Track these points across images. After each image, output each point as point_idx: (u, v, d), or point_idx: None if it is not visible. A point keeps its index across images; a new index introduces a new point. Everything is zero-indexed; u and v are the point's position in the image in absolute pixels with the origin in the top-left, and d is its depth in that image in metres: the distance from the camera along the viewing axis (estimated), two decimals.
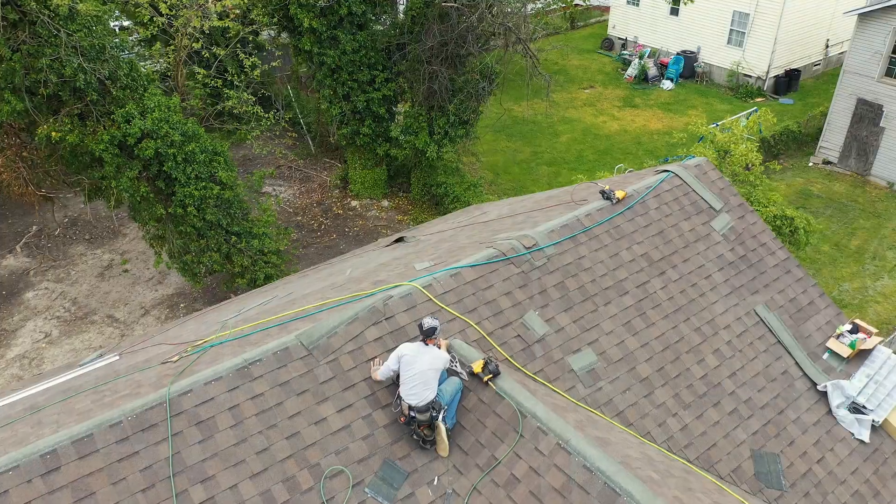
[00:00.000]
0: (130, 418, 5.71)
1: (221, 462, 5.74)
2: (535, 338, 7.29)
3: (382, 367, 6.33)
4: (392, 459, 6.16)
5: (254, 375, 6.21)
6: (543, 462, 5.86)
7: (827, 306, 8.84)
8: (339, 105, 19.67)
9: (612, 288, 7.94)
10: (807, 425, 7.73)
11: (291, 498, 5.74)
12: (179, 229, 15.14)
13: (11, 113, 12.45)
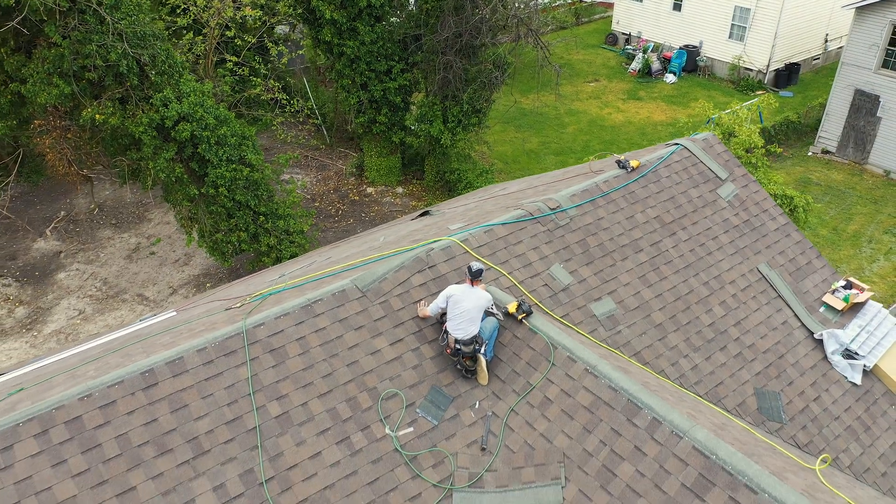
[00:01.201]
0: (214, 345, 6.55)
1: (292, 383, 6.58)
2: (561, 287, 8.12)
3: (432, 304, 7.16)
4: (438, 386, 7.00)
5: (316, 312, 7.05)
6: (573, 385, 6.70)
7: (823, 266, 9.67)
8: (357, 94, 20.50)
9: (628, 245, 8.78)
10: (804, 368, 8.56)
11: (354, 415, 6.58)
12: (211, 209, 15.96)
13: (59, 96, 13.27)
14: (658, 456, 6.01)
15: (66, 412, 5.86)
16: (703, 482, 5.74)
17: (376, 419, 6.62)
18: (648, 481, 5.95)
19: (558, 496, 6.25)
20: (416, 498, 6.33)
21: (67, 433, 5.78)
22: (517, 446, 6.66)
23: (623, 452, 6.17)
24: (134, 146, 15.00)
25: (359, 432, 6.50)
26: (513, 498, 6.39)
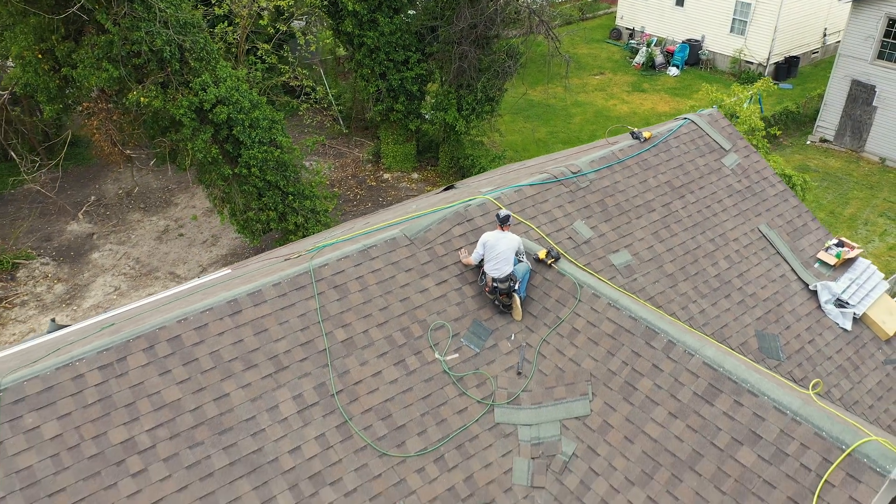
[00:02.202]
0: (287, 280, 7.55)
1: (354, 314, 7.57)
2: (583, 240, 9.12)
3: (473, 253, 8.15)
4: (479, 320, 7.99)
5: (372, 256, 8.04)
6: (598, 317, 7.70)
7: (817, 228, 10.67)
8: (376, 83, 21.50)
9: (642, 206, 9.77)
10: (800, 315, 9.55)
11: (407, 342, 7.57)
12: (243, 188, 16.95)
13: (109, 79, 14.27)
14: (673, 371, 7.00)
15: (167, 332, 6.86)
16: (712, 390, 6.74)
17: (427, 346, 7.62)
18: (665, 392, 6.95)
19: (586, 408, 7.25)
20: (463, 411, 7.33)
21: (170, 348, 6.78)
22: (549, 370, 7.66)
23: (642, 370, 7.17)
24: (173, 128, 15.99)
25: (412, 356, 7.50)
26: (546, 412, 7.39)
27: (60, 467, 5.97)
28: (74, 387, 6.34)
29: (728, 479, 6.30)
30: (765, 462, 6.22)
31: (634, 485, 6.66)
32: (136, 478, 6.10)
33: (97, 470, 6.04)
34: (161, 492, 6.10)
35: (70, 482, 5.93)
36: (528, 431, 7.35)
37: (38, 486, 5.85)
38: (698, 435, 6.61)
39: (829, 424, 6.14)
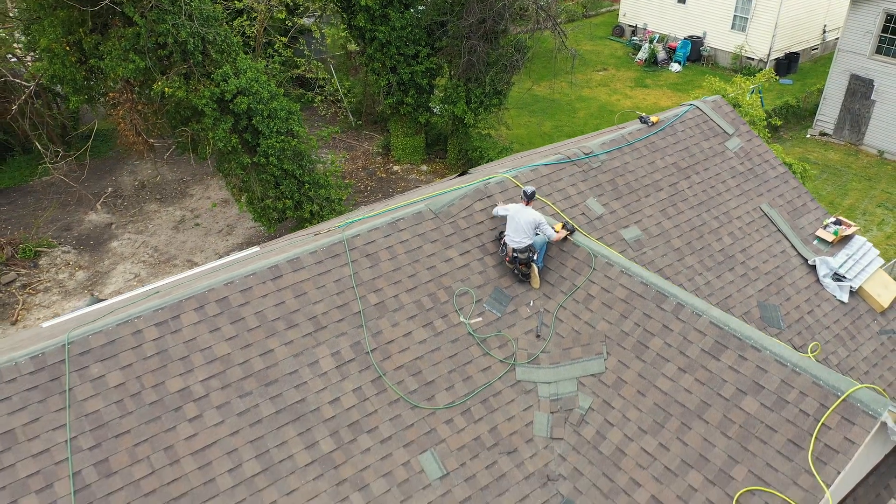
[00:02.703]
0: (322, 249, 8.12)
1: (385, 280, 8.15)
2: (595, 216, 9.69)
3: (501, 208, 8.73)
4: (500, 287, 8.57)
5: (400, 228, 8.62)
6: (611, 283, 8.27)
7: (816, 208, 11.24)
8: (387, 77, 22.07)
9: (650, 185, 10.34)
10: (800, 288, 10.13)
11: (434, 306, 8.15)
12: (261, 177, 17.53)
13: (135, 70, 14.84)
14: (682, 330, 7.58)
15: (215, 293, 7.44)
16: (718, 346, 7.31)
17: (452, 310, 8.19)
18: (674, 350, 7.52)
19: (601, 366, 7.83)
20: (486, 369, 7.91)
21: (218, 308, 7.36)
22: (566, 332, 8.24)
23: (653, 330, 7.74)
24: (194, 118, 16.55)
25: (439, 319, 8.08)
26: (564, 370, 7.97)
27: (125, 412, 6.54)
28: (134, 341, 6.92)
29: (733, 426, 6.87)
30: (767, 409, 6.79)
31: (647, 433, 7.23)
32: (193, 422, 6.68)
33: (157, 415, 6.62)
34: (215, 435, 6.67)
35: (133, 425, 6.51)
36: (547, 388, 7.93)
37: (105, 427, 6.43)
38: (705, 387, 7.18)
39: (826, 374, 6.72)
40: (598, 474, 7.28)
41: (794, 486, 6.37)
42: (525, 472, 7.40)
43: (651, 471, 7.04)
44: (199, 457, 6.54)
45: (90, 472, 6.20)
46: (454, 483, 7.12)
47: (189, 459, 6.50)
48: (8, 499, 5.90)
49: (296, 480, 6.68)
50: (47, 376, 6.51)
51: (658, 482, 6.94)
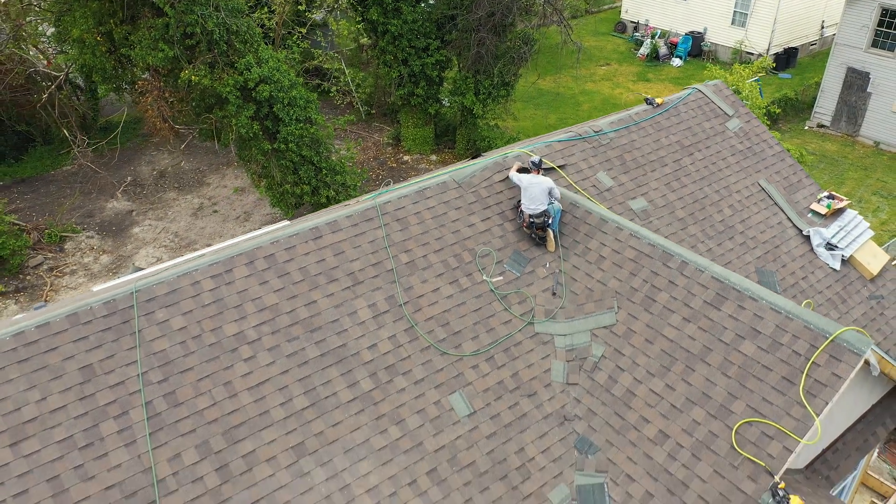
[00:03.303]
0: (357, 213, 8.88)
1: (414, 242, 8.90)
2: (605, 188, 10.45)
3: (516, 176, 9.47)
4: (519, 250, 9.33)
5: (427, 195, 9.38)
6: (621, 245, 9.03)
7: (811, 184, 12.00)
8: (399, 69, 22.83)
9: (655, 161, 11.10)
10: (795, 256, 10.88)
11: (460, 266, 8.91)
12: (280, 163, 18.28)
13: (164, 59, 15.60)
14: (686, 285, 8.34)
15: (263, 251, 8.20)
16: (719, 298, 8.07)
17: (476, 269, 8.95)
18: (679, 302, 8.28)
19: (612, 319, 8.59)
20: (507, 322, 8.67)
21: (266, 264, 8.12)
22: (580, 290, 9.00)
23: (660, 285, 8.50)
24: (218, 105, 17.31)
25: (464, 277, 8.84)
26: (578, 323, 8.73)
27: (188, 351, 7.31)
28: (193, 290, 7.68)
29: (732, 367, 7.63)
30: (763, 351, 7.55)
31: (654, 376, 7.99)
32: (248, 362, 7.44)
33: (216, 355, 7.38)
34: (268, 374, 7.44)
35: (196, 363, 7.27)
36: (563, 340, 8.69)
37: (171, 364, 7.19)
38: (707, 334, 7.95)
39: (816, 319, 7.48)
40: (610, 413, 8.04)
41: (787, 416, 7.12)
42: (544, 412, 8.16)
43: (658, 409, 7.80)
44: (255, 392, 7.30)
45: (160, 402, 6.96)
46: (480, 420, 7.89)
47: (245, 394, 7.26)
48: (90, 423, 6.66)
49: (340, 414, 7.45)
50: (119, 319, 7.27)
51: (665, 418, 7.70)
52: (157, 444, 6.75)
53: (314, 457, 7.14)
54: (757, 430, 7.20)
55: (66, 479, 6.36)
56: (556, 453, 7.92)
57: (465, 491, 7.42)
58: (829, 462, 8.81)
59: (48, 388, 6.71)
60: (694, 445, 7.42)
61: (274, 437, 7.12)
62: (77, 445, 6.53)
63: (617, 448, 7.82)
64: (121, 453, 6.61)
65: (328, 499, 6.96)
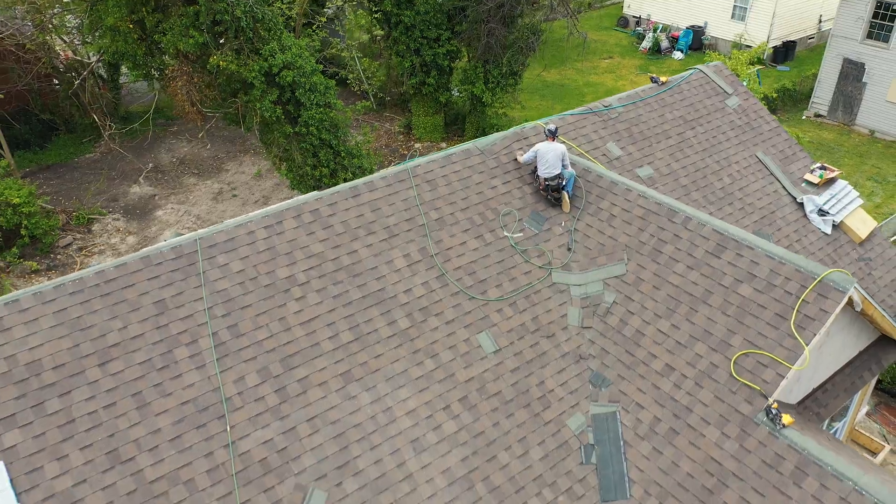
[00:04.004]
0: (391, 175, 9.79)
1: (443, 201, 9.81)
2: (614, 157, 11.35)
3: (526, 154, 10.37)
4: (536, 210, 10.23)
5: (453, 161, 10.28)
6: (630, 204, 9.93)
7: (805, 156, 12.89)
8: (411, 58, 23.73)
9: (660, 133, 12.00)
10: (789, 221, 11.78)
11: (484, 223, 9.81)
12: (301, 146, 19.17)
13: (195, 45, 16.49)
14: (689, 237, 9.24)
15: (309, 206, 9.10)
16: (720, 248, 8.97)
17: (498, 226, 9.85)
18: (683, 252, 9.18)
19: (623, 269, 9.49)
20: (528, 273, 9.57)
21: (311, 217, 9.02)
22: (593, 245, 9.90)
23: (666, 238, 9.40)
24: (243, 90, 18.20)
25: (488, 233, 9.74)
26: (591, 274, 9.63)
27: (246, 290, 8.21)
28: (248, 239, 8.58)
29: (731, 307, 8.54)
30: (758, 292, 8.45)
31: (661, 318, 8.90)
32: (299, 301, 8.34)
33: (271, 294, 8.29)
34: (317, 312, 8.34)
35: (254, 301, 8.17)
36: (578, 289, 9.59)
37: (232, 301, 8.09)
38: (709, 279, 8.85)
39: (805, 263, 8.38)
40: (621, 351, 8.94)
41: (779, 347, 8.03)
42: (562, 351, 9.06)
43: (665, 345, 8.70)
44: (306, 326, 8.20)
45: (224, 332, 7.86)
46: (505, 357, 8.79)
47: (298, 328, 8.17)
48: (166, 349, 7.56)
49: (381, 348, 8.35)
50: (185, 262, 8.17)
51: (671, 353, 8.61)
52: (224, 368, 7.66)
53: (360, 383, 8.04)
54: (753, 360, 8.10)
55: (147, 394, 7.26)
56: (573, 386, 8.83)
57: (492, 416, 8.32)
58: (819, 400, 9.71)
59: (128, 318, 7.62)
60: (697, 375, 8.33)
61: (324, 365, 8.02)
62: (155, 367, 7.43)
63: (627, 381, 8.72)
64: (193, 375, 7.52)
65: (373, 419, 7.86)
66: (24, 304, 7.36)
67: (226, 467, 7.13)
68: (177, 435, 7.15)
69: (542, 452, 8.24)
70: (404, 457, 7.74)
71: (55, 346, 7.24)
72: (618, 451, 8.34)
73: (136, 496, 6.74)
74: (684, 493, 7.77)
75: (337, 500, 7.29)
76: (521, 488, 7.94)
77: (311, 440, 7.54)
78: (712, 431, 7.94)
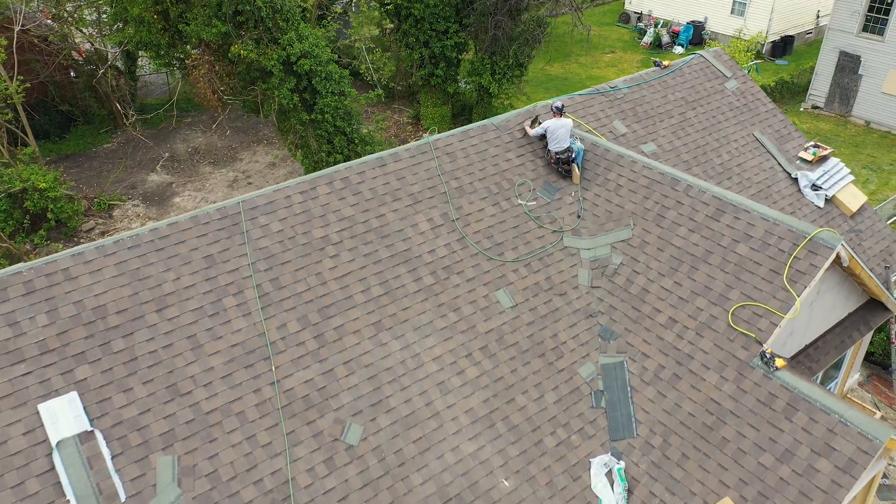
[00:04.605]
0: (414, 147, 10.55)
1: (462, 171, 10.57)
2: (620, 134, 12.12)
3: (537, 129, 11.14)
4: (548, 181, 10.99)
5: (470, 135, 11.05)
6: (636, 175, 10.69)
7: (799, 136, 13.66)
8: (420, 50, 24.50)
9: (663, 113, 12.77)
10: (784, 195, 12.55)
11: (500, 191, 10.58)
12: (317, 133, 19.94)
13: (217, 34, 17.25)
14: (690, 203, 10.00)
15: (339, 174, 9.86)
16: (719, 212, 9.73)
17: (513, 195, 10.62)
18: (685, 217, 9.94)
19: (629, 234, 10.26)
20: (541, 237, 10.34)
21: (342, 184, 9.79)
22: (601, 212, 10.67)
23: (669, 205, 10.17)
24: (262, 78, 18.97)
25: (504, 201, 10.51)
26: (600, 238, 10.39)
27: (285, 248, 8.98)
28: (286, 202, 9.35)
29: (729, 264, 9.30)
30: (754, 251, 9.21)
31: (665, 276, 9.66)
32: (333, 258, 9.11)
33: (308, 252, 9.05)
34: (349, 268, 9.10)
35: (292, 258, 8.94)
36: (587, 252, 10.36)
37: (273, 258, 8.86)
38: (708, 240, 9.61)
39: (797, 223, 9.14)
40: (627, 308, 9.71)
41: (773, 299, 8.79)
42: (573, 308, 9.83)
43: (668, 301, 9.46)
44: (340, 281, 8.97)
45: (267, 284, 8.63)
46: (521, 311, 9.56)
47: (333, 282, 8.93)
48: (215, 298, 8.33)
49: (408, 301, 9.12)
50: (230, 222, 8.94)
51: (674, 308, 9.37)
52: (268, 315, 8.42)
53: (390, 331, 8.81)
54: (749, 312, 8.86)
55: (200, 337, 8.03)
56: (584, 339, 9.60)
57: (510, 364, 9.09)
58: (812, 356, 10.48)
59: (180, 270, 8.38)
60: (697, 326, 9.09)
61: (357, 315, 8.79)
62: (207, 313, 8.20)
63: (634, 333, 9.49)
64: (240, 321, 8.28)
65: (403, 363, 8.63)
66: (87, 256, 8.13)
67: (272, 402, 7.89)
68: (228, 373, 7.91)
69: (556, 397, 9.01)
70: (431, 397, 8.51)
71: (117, 293, 8.00)
72: (625, 395, 9.11)
73: (194, 425, 7.50)
74: (686, 431, 8.53)
75: (372, 433, 8.06)
76: (537, 427, 8.71)
77: (347, 381, 8.31)
78: (711, 375, 8.71)
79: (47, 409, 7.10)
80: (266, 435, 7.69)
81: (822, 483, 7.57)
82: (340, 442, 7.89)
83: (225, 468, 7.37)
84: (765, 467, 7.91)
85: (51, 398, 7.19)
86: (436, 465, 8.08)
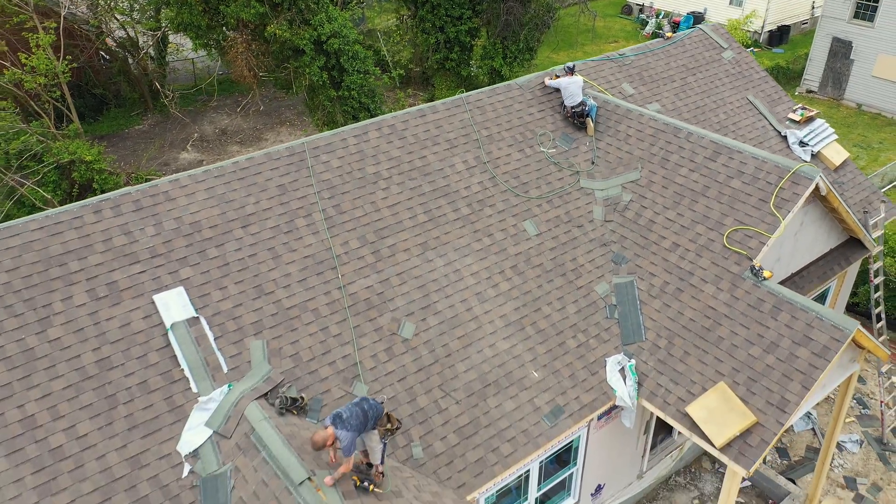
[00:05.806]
0: (450, 101, 12.06)
1: (491, 123, 12.08)
2: (628, 94, 13.64)
3: (554, 81, 12.64)
4: (566, 133, 12.50)
5: (498, 93, 12.56)
6: (643, 126, 12.19)
7: (789, 100, 15.17)
8: (436, 35, 26.02)
9: (666, 78, 14.28)
10: (775, 150, 14.04)
11: (524, 140, 12.09)
12: (343, 109, 21.48)
13: (255, 15, 18.77)
14: (691, 147, 11.50)
15: (387, 122, 11.38)
16: (716, 154, 11.24)
17: (536, 143, 12.13)
18: (686, 159, 11.45)
19: (637, 175, 11.76)
20: (560, 179, 11.84)
21: (389, 130, 11.30)
22: (612, 158, 12.18)
23: (672, 150, 11.67)
24: (294, 57, 20.49)
25: (528, 148, 12.02)
26: (612, 180, 11.91)
27: (344, 181, 10.49)
28: (342, 144, 10.86)
29: (725, 196, 10.81)
30: (746, 184, 10.72)
31: (668, 209, 11.17)
32: (384, 191, 10.63)
33: (363, 185, 10.56)
34: (398, 199, 10.61)
35: (349, 189, 10.45)
36: (601, 193, 11.87)
37: (334, 188, 10.37)
38: (707, 178, 11.12)
39: (783, 160, 10.65)
40: (637, 237, 11.22)
41: (762, 223, 10.30)
42: (589, 238, 11.34)
43: (671, 230, 10.97)
44: (391, 209, 10.48)
45: (330, 210, 10.14)
46: (545, 239, 11.07)
47: (385, 210, 10.44)
48: (289, 219, 9.84)
49: (449, 227, 10.63)
50: (297, 159, 10.45)
51: (677, 234, 10.88)
52: (333, 234, 9.93)
53: (435, 251, 10.32)
54: (741, 234, 10.37)
55: (278, 249, 9.54)
56: (599, 263, 11.11)
57: (536, 280, 10.60)
58: (797, 284, 11.98)
59: (259, 196, 9.90)
60: (697, 249, 10.60)
61: (406, 237, 10.30)
62: (282, 231, 9.72)
63: (642, 258, 11.00)
64: (310, 238, 9.80)
65: (446, 276, 10.14)
66: (182, 182, 9.64)
67: (340, 302, 9.40)
68: (303, 278, 9.43)
69: (576, 308, 10.53)
70: (471, 304, 10.02)
71: (208, 212, 9.52)
72: (635, 308, 10.62)
73: (277, 317, 9.01)
74: (687, 333, 10.04)
75: (422, 330, 9.57)
76: (560, 332, 10.22)
77: (400, 288, 9.82)
78: (709, 287, 10.22)
79: (161, 299, 8.61)
80: (336, 328, 9.20)
81: (801, 367, 9.08)
82: (397, 336, 9.41)
83: (305, 351, 8.88)
84: (753, 357, 9.42)
85: (162, 291, 8.70)
86: (476, 357, 9.60)
